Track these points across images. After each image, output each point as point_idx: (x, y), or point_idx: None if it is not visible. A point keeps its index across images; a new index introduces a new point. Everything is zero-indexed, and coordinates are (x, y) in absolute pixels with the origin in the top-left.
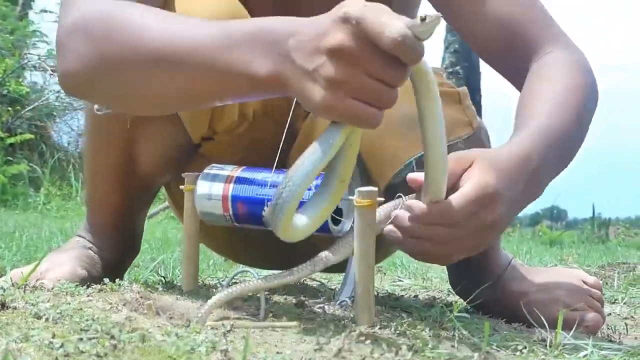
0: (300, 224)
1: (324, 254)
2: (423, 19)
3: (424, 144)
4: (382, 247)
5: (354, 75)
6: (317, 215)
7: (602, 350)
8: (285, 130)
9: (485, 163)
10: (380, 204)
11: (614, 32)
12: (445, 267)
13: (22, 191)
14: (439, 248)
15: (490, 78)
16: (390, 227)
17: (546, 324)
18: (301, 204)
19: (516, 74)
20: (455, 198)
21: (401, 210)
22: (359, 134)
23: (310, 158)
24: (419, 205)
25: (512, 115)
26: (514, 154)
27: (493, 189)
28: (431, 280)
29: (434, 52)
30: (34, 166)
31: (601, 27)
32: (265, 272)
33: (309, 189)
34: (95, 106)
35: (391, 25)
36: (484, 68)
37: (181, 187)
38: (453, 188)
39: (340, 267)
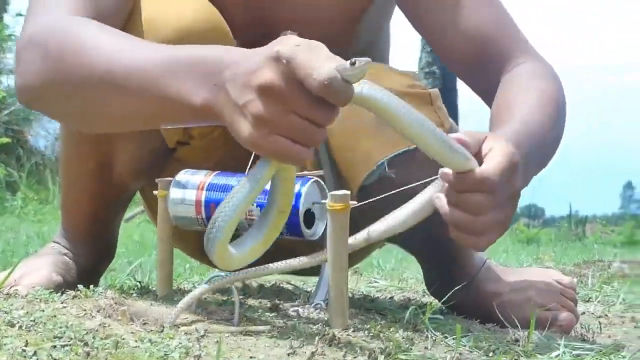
0: (237, 254)
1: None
2: (353, 63)
3: (413, 141)
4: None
5: (281, 114)
6: (255, 245)
7: (574, 349)
8: None
9: (499, 136)
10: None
11: (606, 32)
12: (421, 267)
13: None
14: (475, 220)
15: None
16: (436, 193)
17: (519, 325)
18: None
19: (485, 87)
20: (491, 166)
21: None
22: (293, 169)
23: (239, 194)
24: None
25: (488, 117)
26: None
27: (517, 157)
28: (407, 281)
29: (411, 51)
30: (11, 170)
31: (594, 27)
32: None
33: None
34: None
35: (320, 67)
36: None
37: (155, 192)
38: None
39: (314, 270)
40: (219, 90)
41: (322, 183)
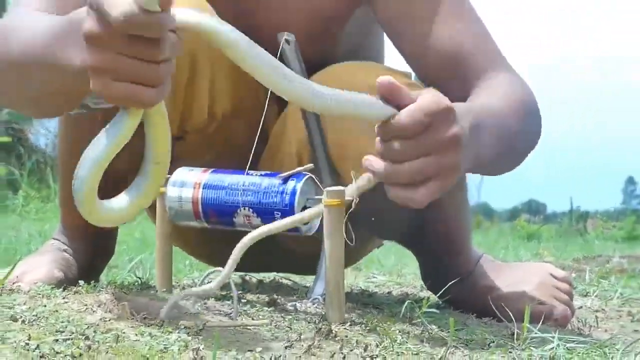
0: (115, 209)
1: None
2: None
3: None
4: (361, 245)
5: (110, 60)
6: (134, 200)
7: (568, 343)
8: (258, 132)
9: (438, 92)
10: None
11: (602, 30)
12: (417, 262)
13: (0, 194)
14: (399, 169)
15: None
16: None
17: (514, 319)
18: None
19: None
20: (407, 109)
21: None
22: (160, 114)
23: (98, 144)
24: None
25: None
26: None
27: (446, 104)
28: (405, 277)
29: None
30: (12, 169)
31: (589, 27)
32: (240, 273)
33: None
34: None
35: (116, 5)
36: None
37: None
38: None
39: (312, 266)
40: (82, 49)
41: (316, 179)
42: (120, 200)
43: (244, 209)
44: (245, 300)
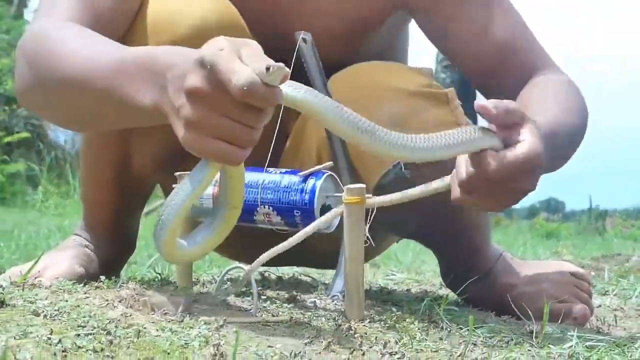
0: (189, 247)
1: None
2: (268, 69)
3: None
4: (378, 241)
5: (210, 118)
6: (208, 238)
7: (587, 341)
8: (276, 130)
9: (534, 126)
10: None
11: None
12: (437, 260)
13: (20, 189)
14: (482, 201)
15: None
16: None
17: (533, 316)
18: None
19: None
20: (513, 157)
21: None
22: (237, 167)
23: (181, 192)
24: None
25: None
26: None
27: (541, 159)
28: (424, 274)
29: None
30: (32, 164)
31: (586, 26)
32: (261, 269)
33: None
34: None
35: (240, 73)
36: None
37: (174, 185)
38: (505, 137)
39: (332, 262)
40: (163, 91)
41: (336, 177)
42: (194, 239)
43: (264, 207)
44: (265, 297)
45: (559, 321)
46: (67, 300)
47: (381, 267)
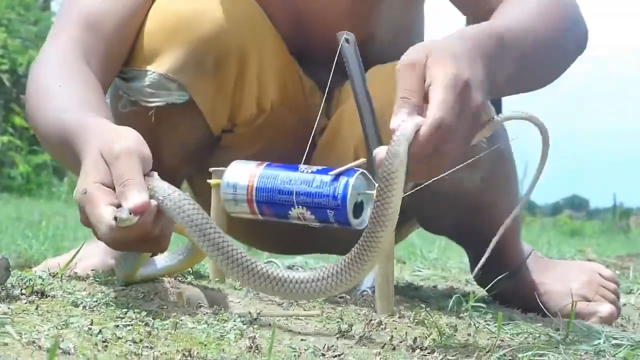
0: (146, 272)
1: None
2: (115, 219)
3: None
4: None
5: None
6: (166, 266)
7: (613, 339)
8: (315, 126)
9: (439, 56)
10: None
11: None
12: (467, 258)
13: (46, 180)
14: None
15: None
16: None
17: (560, 314)
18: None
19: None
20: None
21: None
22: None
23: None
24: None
25: (531, 109)
26: (466, 33)
27: (464, 76)
28: (450, 271)
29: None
30: None
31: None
32: (290, 261)
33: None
34: (120, 104)
35: (100, 223)
36: None
37: (209, 181)
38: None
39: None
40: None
41: (368, 174)
42: (153, 265)
43: (298, 207)
44: None
45: (586, 320)
46: (104, 292)
47: (407, 263)
